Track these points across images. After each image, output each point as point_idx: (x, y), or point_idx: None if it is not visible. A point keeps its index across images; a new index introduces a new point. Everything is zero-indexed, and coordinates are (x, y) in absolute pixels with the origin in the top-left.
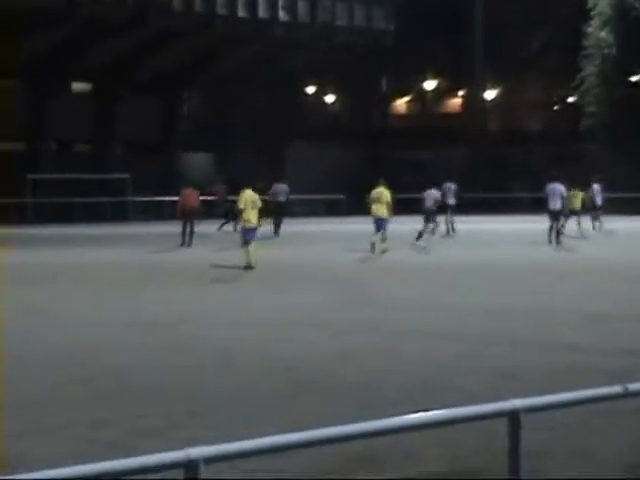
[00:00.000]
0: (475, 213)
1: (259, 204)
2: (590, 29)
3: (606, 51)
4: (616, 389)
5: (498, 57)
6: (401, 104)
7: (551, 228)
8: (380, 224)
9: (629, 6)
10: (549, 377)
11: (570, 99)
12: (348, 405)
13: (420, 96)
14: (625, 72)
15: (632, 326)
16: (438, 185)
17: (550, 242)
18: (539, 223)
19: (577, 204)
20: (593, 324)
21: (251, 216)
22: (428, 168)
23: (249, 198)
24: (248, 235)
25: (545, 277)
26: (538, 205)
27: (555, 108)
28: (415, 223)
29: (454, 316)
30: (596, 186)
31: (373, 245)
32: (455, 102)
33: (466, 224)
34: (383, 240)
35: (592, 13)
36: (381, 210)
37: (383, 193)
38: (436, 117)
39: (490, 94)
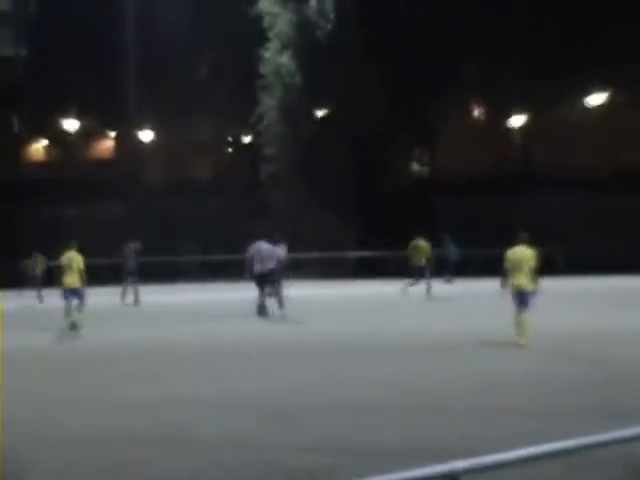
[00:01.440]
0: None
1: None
2: (268, 53)
3: (288, 80)
4: None
5: (158, 90)
6: (38, 149)
7: (263, 295)
8: (75, 294)
9: (313, 25)
10: None
11: (247, 139)
12: None
13: (61, 139)
14: (311, 105)
15: (323, 418)
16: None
17: (260, 314)
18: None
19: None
20: (279, 417)
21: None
22: (74, 227)
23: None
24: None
25: (230, 359)
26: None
27: (229, 150)
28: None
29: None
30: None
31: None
32: (106, 146)
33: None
34: (79, 312)
35: (270, 34)
36: (72, 279)
37: (74, 258)
38: (83, 165)
39: (148, 135)
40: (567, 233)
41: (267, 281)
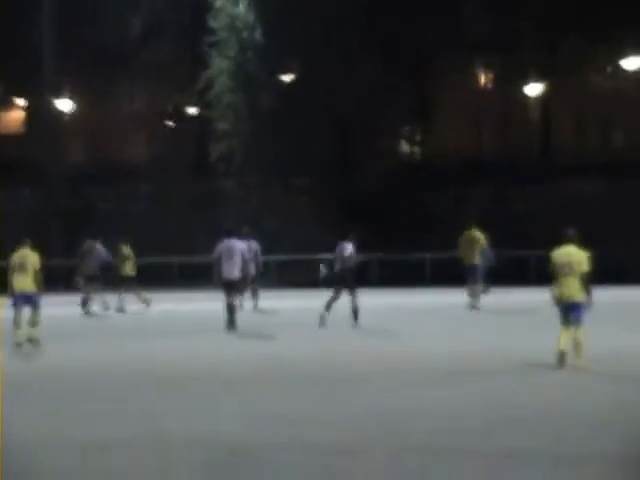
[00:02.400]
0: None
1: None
2: (219, 2)
3: (244, 36)
4: None
5: (81, 50)
6: None
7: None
8: (28, 301)
9: None
10: None
11: (192, 110)
12: None
13: None
14: (274, 68)
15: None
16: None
17: (229, 327)
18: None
19: None
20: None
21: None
22: None
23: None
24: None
25: (176, 387)
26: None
27: (170, 124)
28: None
29: None
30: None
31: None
32: (14, 118)
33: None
34: (34, 324)
35: None
36: (25, 282)
37: (28, 257)
38: None
39: (66, 105)
40: (598, 231)
41: (236, 287)
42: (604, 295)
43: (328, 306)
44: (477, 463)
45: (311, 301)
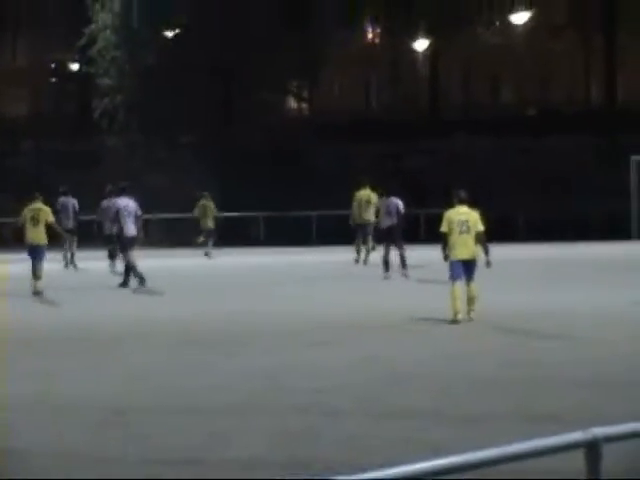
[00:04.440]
0: None
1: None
2: None
3: None
4: None
5: None
6: None
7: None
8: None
9: None
10: None
11: (74, 66)
12: None
13: None
14: (158, 23)
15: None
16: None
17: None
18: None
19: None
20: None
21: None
22: None
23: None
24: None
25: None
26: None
27: (52, 81)
28: None
29: None
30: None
31: None
32: None
33: None
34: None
35: None
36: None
37: (41, 211)
38: None
39: None
40: (488, 188)
41: (135, 244)
42: (494, 252)
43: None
44: (362, 422)
45: (197, 261)
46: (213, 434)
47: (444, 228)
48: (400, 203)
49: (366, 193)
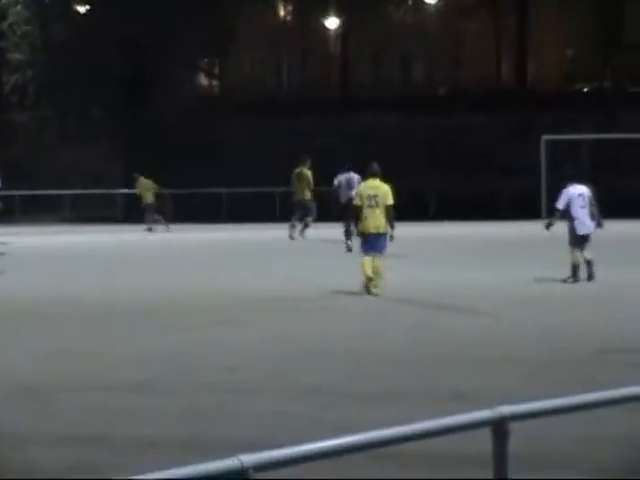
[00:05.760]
0: None
1: None
2: None
3: None
4: None
5: None
6: None
7: None
8: None
9: None
10: None
11: None
12: None
13: None
14: None
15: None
16: None
17: None
18: None
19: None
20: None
21: None
22: None
23: None
24: None
25: None
26: None
27: None
28: None
29: None
30: None
31: None
32: None
33: None
34: None
35: None
36: None
37: None
38: None
39: None
40: (398, 165)
41: None
42: (405, 230)
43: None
44: (270, 400)
45: (111, 236)
46: (122, 411)
47: (357, 202)
48: (358, 177)
49: (305, 170)
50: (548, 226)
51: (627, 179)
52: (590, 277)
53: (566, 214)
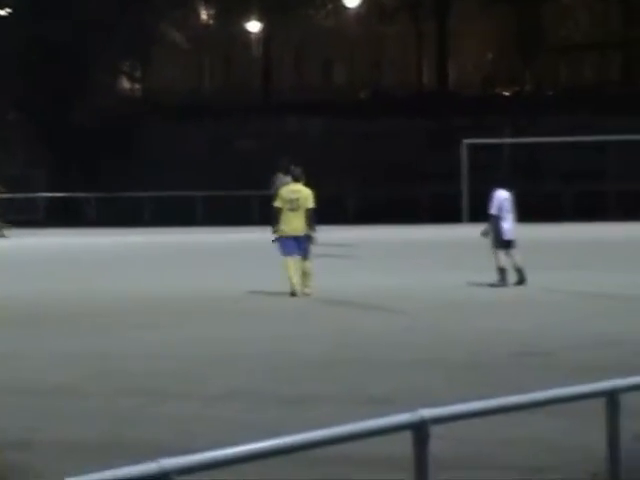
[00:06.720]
0: None
1: None
2: None
3: None
4: None
5: None
6: None
7: None
8: None
9: None
10: None
11: None
12: None
13: None
14: None
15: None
16: None
17: None
18: None
19: None
20: None
21: None
22: None
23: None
24: None
25: None
26: None
27: None
28: None
29: None
30: None
31: None
32: None
33: None
34: None
35: None
36: None
37: None
38: None
39: None
40: (318, 169)
41: None
42: (324, 233)
43: None
44: (189, 404)
45: (30, 240)
46: (41, 416)
47: (277, 204)
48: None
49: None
50: (486, 233)
51: (546, 183)
52: (521, 281)
53: (493, 218)
